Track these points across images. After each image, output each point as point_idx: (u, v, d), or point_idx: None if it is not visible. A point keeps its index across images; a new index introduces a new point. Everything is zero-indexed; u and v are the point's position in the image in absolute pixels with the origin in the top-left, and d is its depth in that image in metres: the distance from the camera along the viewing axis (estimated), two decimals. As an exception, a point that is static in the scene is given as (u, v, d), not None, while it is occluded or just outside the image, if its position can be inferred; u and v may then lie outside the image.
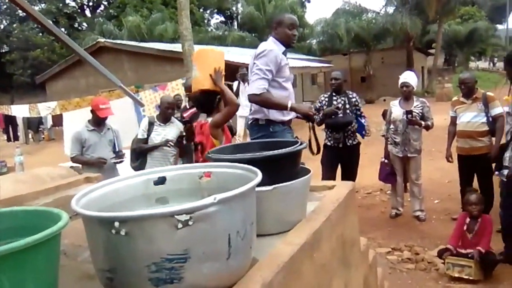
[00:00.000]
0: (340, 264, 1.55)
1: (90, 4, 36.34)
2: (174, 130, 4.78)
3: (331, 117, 4.96)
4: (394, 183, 5.40)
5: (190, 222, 0.89)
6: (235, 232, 0.98)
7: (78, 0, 35.13)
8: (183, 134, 4.80)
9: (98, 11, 36.13)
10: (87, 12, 36.32)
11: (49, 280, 0.89)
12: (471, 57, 36.74)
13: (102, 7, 36.48)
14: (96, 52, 14.48)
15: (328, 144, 5.09)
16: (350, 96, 5.19)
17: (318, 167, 4.94)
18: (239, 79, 8.95)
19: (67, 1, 33.90)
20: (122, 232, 0.89)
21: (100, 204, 1.15)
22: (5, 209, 1.07)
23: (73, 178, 2.36)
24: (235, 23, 36.86)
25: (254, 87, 3.16)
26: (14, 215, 1.04)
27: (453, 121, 5.10)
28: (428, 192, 5.80)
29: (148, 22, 26.83)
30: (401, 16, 22.72)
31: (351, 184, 1.88)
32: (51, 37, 27.96)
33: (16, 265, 0.77)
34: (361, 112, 5.22)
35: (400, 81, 5.20)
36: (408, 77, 5.21)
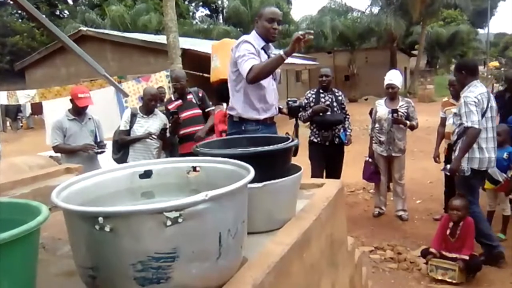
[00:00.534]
0: (328, 264, 1.52)
1: (73, -9, 35.62)
2: (157, 122, 4.70)
3: (319, 115, 4.93)
4: (378, 182, 5.42)
5: (179, 220, 0.84)
6: (226, 230, 0.93)
7: (60, -13, 34.40)
8: (166, 127, 4.73)
9: (80, -1, 35.47)
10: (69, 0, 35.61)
11: (26, 278, 0.83)
12: (453, 59, 37.32)
13: (85, -5, 35.78)
14: (78, 41, 14.05)
15: (315, 141, 5.04)
16: (336, 94, 5.14)
17: (303, 163, 4.91)
18: None
19: (48, -14, 33.12)
20: (107, 229, 0.83)
21: (83, 197, 1.09)
22: (-21, 200, 0.99)
23: (52, 168, 2.27)
24: (221, 17, 36.60)
25: (244, 71, 2.97)
26: (-12, 207, 0.96)
27: (443, 122, 5.14)
28: (410, 192, 5.84)
29: (132, 12, 26.48)
30: (386, 17, 23.00)
31: (339, 182, 1.86)
32: (31, 23, 27.36)
33: (-11, 262, 0.71)
34: (346, 111, 5.19)
35: (386, 82, 5.18)
36: (394, 78, 5.19)
